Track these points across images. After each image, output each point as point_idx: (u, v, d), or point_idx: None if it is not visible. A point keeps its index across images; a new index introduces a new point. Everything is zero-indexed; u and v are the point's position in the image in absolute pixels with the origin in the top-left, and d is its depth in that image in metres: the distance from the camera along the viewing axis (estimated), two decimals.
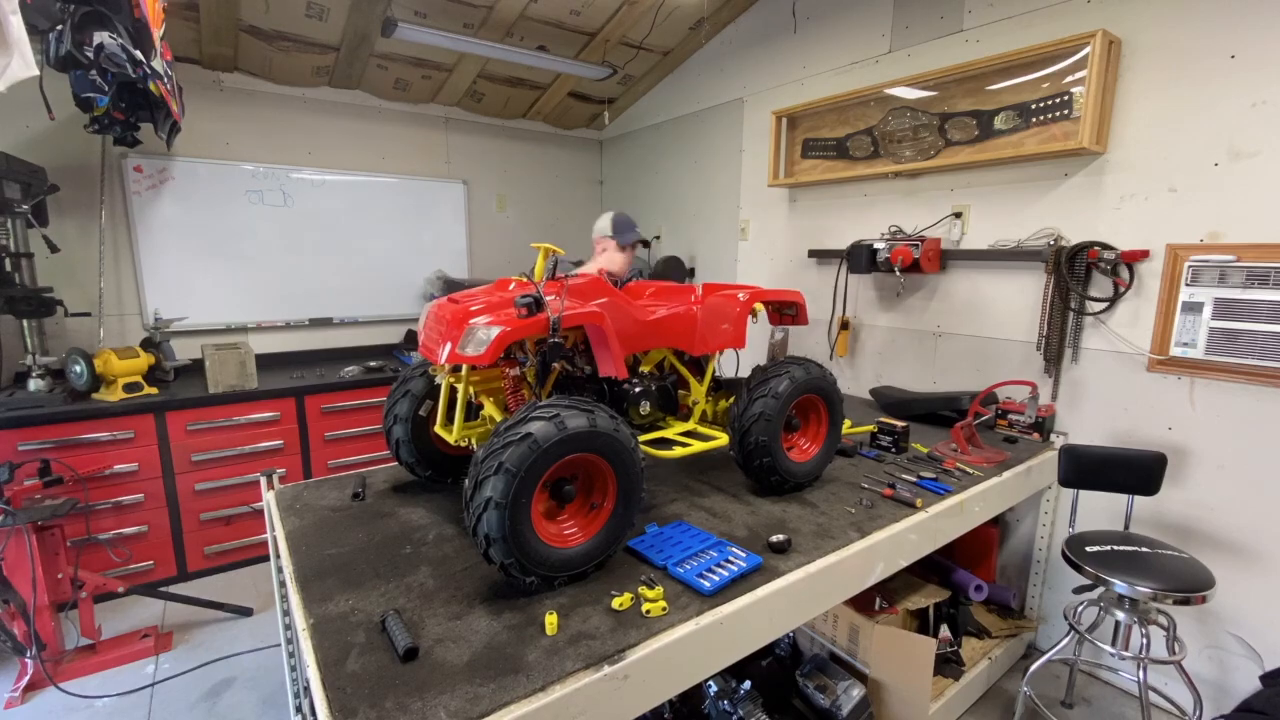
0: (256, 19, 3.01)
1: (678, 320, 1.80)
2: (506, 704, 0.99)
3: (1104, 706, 2.25)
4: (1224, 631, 2.09)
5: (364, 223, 3.89)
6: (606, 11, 3.34)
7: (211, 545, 3.01)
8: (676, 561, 1.40)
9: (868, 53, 2.98)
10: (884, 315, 3.04)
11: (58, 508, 2.24)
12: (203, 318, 3.44)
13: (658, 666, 1.16)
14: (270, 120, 3.55)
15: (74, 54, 2.02)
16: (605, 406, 1.32)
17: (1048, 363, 2.42)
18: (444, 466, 1.80)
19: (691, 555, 1.43)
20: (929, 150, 2.61)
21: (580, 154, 4.87)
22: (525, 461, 1.17)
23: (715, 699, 1.89)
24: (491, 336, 1.35)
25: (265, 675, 2.36)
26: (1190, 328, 2.06)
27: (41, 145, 2.90)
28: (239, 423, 3.00)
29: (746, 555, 1.43)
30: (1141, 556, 1.85)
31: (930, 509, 1.76)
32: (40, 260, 2.76)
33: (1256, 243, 1.93)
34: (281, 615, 1.79)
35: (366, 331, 4.02)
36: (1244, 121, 1.94)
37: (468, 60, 3.63)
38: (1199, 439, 2.10)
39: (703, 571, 1.36)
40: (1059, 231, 2.37)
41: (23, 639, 2.19)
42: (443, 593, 1.29)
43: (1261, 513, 1.99)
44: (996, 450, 2.22)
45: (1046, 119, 2.22)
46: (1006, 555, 2.61)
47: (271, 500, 1.72)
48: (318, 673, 1.05)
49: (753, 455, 1.71)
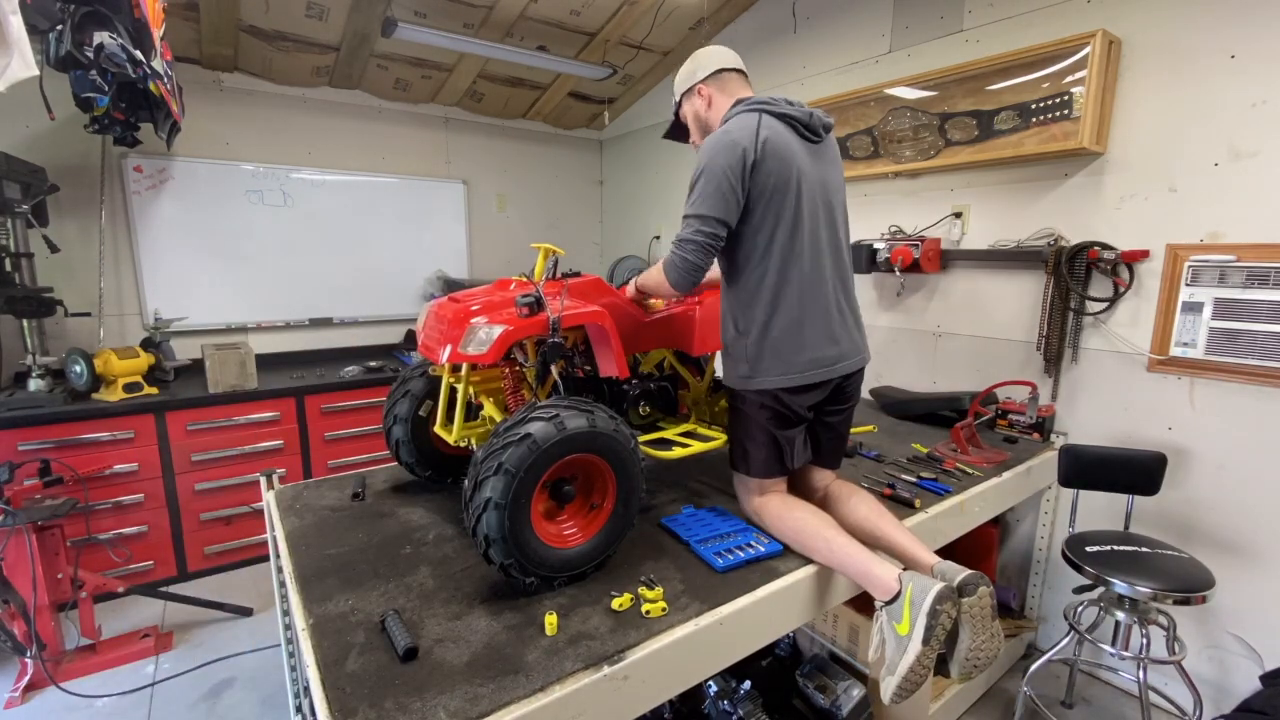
0: (256, 19, 3.01)
1: (678, 320, 1.80)
2: (506, 704, 0.99)
3: (1104, 706, 2.25)
4: (1224, 631, 2.09)
5: (364, 223, 3.89)
6: (606, 11, 3.34)
7: (211, 545, 3.01)
8: (700, 540, 1.47)
9: (868, 53, 2.98)
10: (884, 315, 3.04)
11: (58, 508, 2.24)
12: (203, 318, 3.44)
13: (658, 667, 1.16)
14: (270, 120, 3.55)
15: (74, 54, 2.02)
16: (605, 407, 1.33)
17: (1048, 363, 2.42)
18: (444, 466, 1.80)
19: (716, 536, 1.50)
20: (929, 150, 2.61)
21: (580, 154, 4.87)
22: (525, 462, 1.17)
23: (715, 699, 1.89)
24: (494, 336, 1.35)
25: (265, 675, 2.35)
26: (1190, 328, 2.05)
27: (41, 145, 2.90)
28: (239, 423, 3.00)
29: (769, 542, 1.48)
30: (1141, 556, 1.85)
31: (930, 509, 1.76)
32: (40, 260, 2.75)
33: (1256, 243, 1.93)
34: (281, 615, 1.79)
35: (366, 331, 4.02)
36: (1244, 121, 1.94)
37: (468, 60, 3.63)
38: (1199, 439, 2.10)
39: (721, 551, 1.43)
40: (1059, 232, 2.37)
41: (23, 639, 2.19)
42: (442, 593, 1.29)
43: (1261, 513, 1.99)
44: (996, 450, 2.22)
45: (1046, 119, 2.22)
46: (1006, 555, 2.61)
47: (271, 500, 1.72)
48: (317, 673, 1.05)
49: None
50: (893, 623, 1.25)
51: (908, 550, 1.40)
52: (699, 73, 1.59)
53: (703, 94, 1.59)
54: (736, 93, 1.57)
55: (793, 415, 1.51)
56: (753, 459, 1.55)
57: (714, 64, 1.57)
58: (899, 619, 1.23)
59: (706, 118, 1.60)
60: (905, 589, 1.24)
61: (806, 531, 1.43)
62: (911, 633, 1.20)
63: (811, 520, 1.45)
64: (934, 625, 1.18)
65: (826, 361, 1.48)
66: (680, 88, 1.64)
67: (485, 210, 4.43)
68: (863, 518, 1.51)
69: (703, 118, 1.61)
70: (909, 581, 1.25)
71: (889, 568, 1.31)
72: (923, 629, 1.18)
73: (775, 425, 1.51)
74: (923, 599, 1.20)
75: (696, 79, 1.59)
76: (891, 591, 1.26)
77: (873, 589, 1.32)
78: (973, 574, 1.26)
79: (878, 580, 1.30)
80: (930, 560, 1.35)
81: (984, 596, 1.24)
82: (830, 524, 1.44)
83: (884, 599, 1.28)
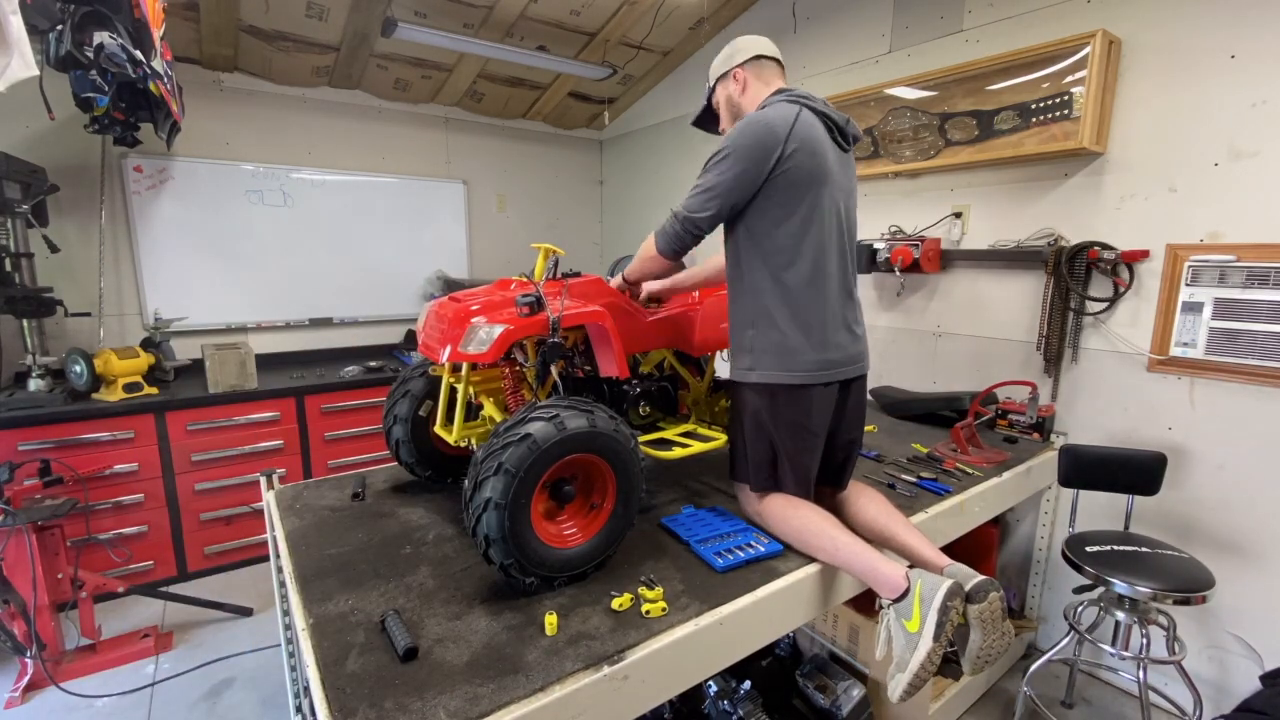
0: (256, 19, 3.01)
1: (678, 320, 1.80)
2: (506, 704, 0.99)
3: (1104, 706, 2.25)
4: (1224, 631, 2.09)
5: (364, 223, 3.89)
6: (606, 11, 3.34)
7: (211, 545, 3.01)
8: (700, 540, 1.47)
9: (868, 53, 2.98)
10: (884, 315, 3.04)
11: (58, 508, 2.24)
12: (203, 318, 3.44)
13: (658, 667, 1.16)
14: (270, 120, 3.55)
15: (74, 54, 2.02)
16: (605, 407, 1.32)
17: (1048, 363, 2.42)
18: (444, 466, 1.79)
19: (717, 535, 1.50)
20: (929, 150, 2.61)
21: (580, 154, 4.87)
22: (524, 462, 1.17)
23: (715, 699, 1.89)
24: (494, 335, 1.35)
25: (265, 675, 2.35)
26: (1190, 328, 2.05)
27: (41, 145, 2.90)
28: (239, 423, 3.00)
29: (769, 542, 1.47)
30: (1141, 556, 1.85)
31: (930, 509, 1.76)
32: (40, 260, 2.75)
33: (1256, 243, 1.93)
34: (281, 615, 1.79)
35: (366, 331, 4.02)
36: (1244, 121, 1.94)
37: (468, 60, 3.63)
38: (1199, 439, 2.10)
39: (721, 551, 1.43)
40: (1059, 232, 2.37)
41: (23, 639, 2.19)
42: (442, 593, 1.29)
43: (1261, 513, 1.99)
44: (996, 450, 2.22)
45: (1046, 119, 2.22)
46: (1006, 555, 2.61)
47: (271, 500, 1.72)
48: (317, 673, 1.05)
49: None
50: (901, 620, 1.25)
51: (918, 551, 1.39)
52: (736, 57, 1.57)
53: (738, 78, 1.58)
54: (773, 82, 1.57)
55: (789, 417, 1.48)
56: (752, 465, 1.53)
57: (752, 50, 1.57)
58: (909, 616, 1.23)
59: (739, 102, 1.59)
60: (915, 586, 1.25)
61: (811, 530, 1.42)
62: (922, 629, 1.20)
63: (815, 519, 1.44)
64: (944, 621, 1.19)
65: (825, 365, 1.47)
66: (716, 71, 1.63)
67: (485, 210, 4.43)
68: (871, 517, 1.50)
69: (735, 102, 1.60)
70: (918, 578, 1.25)
71: (896, 565, 1.31)
72: (934, 625, 1.18)
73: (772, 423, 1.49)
74: (933, 595, 1.20)
75: (734, 63, 1.57)
76: (900, 589, 1.26)
77: (880, 587, 1.31)
78: (984, 579, 1.26)
79: (885, 578, 1.30)
80: (942, 562, 1.35)
81: (994, 602, 1.24)
82: (835, 523, 1.43)
83: (891, 597, 1.28)
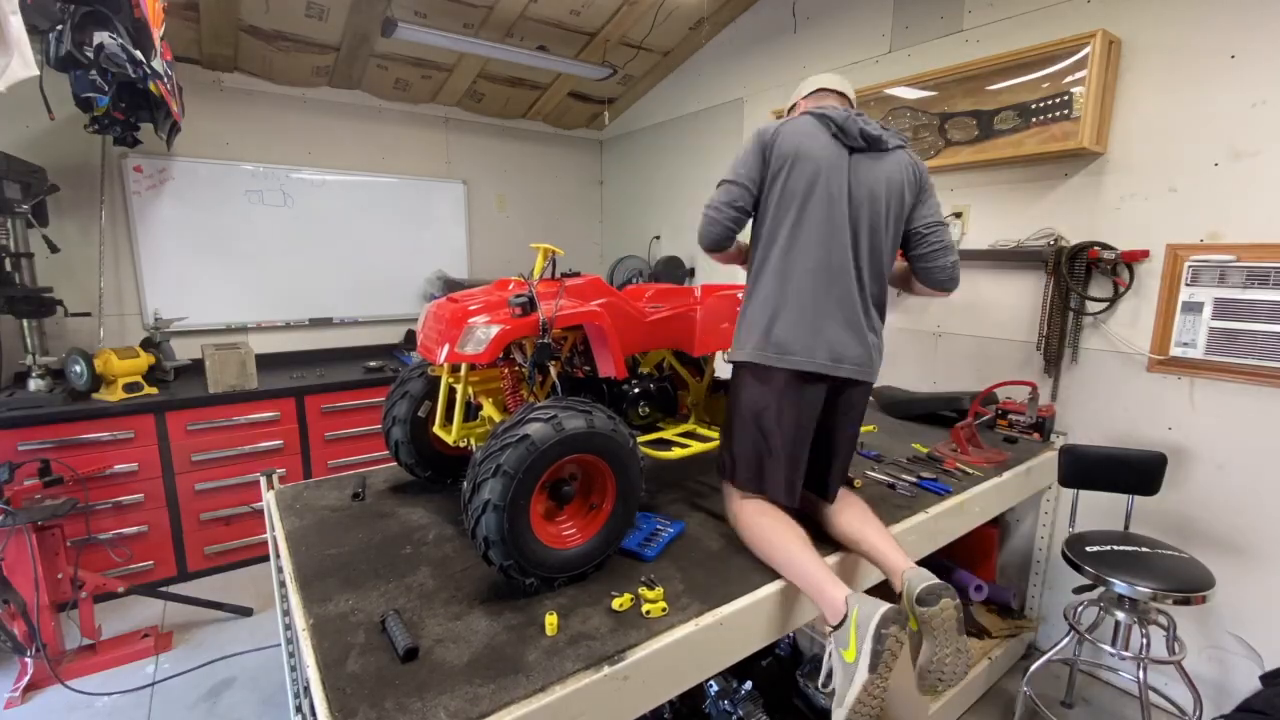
0: (256, 19, 3.01)
1: (677, 321, 1.80)
2: (506, 704, 0.99)
3: (1104, 706, 2.25)
4: (1224, 631, 2.09)
5: (364, 223, 3.89)
6: (606, 11, 3.34)
7: (211, 545, 3.01)
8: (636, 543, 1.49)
9: (868, 53, 2.97)
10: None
11: (58, 508, 2.24)
12: (203, 318, 3.44)
13: (658, 667, 1.16)
14: (270, 120, 3.55)
15: (74, 54, 2.02)
16: (603, 407, 1.32)
17: (1048, 363, 2.42)
18: (443, 467, 1.80)
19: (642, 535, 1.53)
20: (929, 150, 2.61)
21: (580, 154, 4.86)
22: (523, 463, 1.17)
23: (716, 699, 1.89)
24: (490, 335, 1.35)
25: (265, 675, 2.36)
26: (1190, 328, 2.05)
27: (41, 145, 2.90)
28: (239, 423, 3.00)
29: (672, 523, 1.57)
30: (1141, 556, 1.85)
31: (930, 509, 1.76)
32: (40, 260, 2.75)
33: (1256, 243, 1.93)
34: (281, 615, 1.79)
35: (366, 331, 4.02)
36: (1244, 121, 1.94)
37: (468, 60, 3.63)
38: (1199, 439, 2.10)
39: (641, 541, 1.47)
40: (1059, 232, 2.37)
41: (23, 639, 2.19)
42: (443, 593, 1.29)
43: (1261, 513, 1.99)
44: (996, 450, 2.22)
45: (1046, 119, 2.22)
46: (1006, 555, 2.61)
47: (271, 500, 1.72)
48: (317, 673, 1.05)
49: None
50: (840, 649, 1.16)
51: (884, 554, 1.35)
52: (803, 89, 1.70)
53: (799, 108, 1.67)
54: None
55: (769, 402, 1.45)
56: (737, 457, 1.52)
57: (817, 84, 1.67)
58: (845, 645, 1.14)
59: None
60: (851, 612, 1.15)
61: (770, 541, 1.38)
62: (858, 660, 1.11)
63: (779, 530, 1.39)
64: (880, 650, 1.09)
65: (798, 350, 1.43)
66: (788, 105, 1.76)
67: (485, 210, 4.43)
68: (846, 522, 1.48)
69: None
70: (855, 604, 1.16)
71: (840, 589, 1.23)
72: (869, 655, 1.09)
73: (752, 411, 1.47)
74: (868, 622, 1.11)
75: (799, 94, 1.70)
76: (840, 614, 1.18)
77: (824, 610, 1.24)
78: (937, 584, 1.19)
79: (828, 601, 1.22)
80: (903, 565, 1.29)
81: (946, 608, 1.16)
82: (796, 537, 1.37)
83: (833, 623, 1.20)
